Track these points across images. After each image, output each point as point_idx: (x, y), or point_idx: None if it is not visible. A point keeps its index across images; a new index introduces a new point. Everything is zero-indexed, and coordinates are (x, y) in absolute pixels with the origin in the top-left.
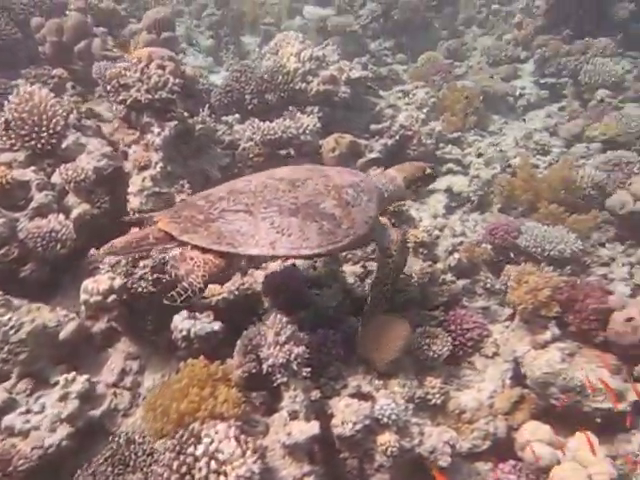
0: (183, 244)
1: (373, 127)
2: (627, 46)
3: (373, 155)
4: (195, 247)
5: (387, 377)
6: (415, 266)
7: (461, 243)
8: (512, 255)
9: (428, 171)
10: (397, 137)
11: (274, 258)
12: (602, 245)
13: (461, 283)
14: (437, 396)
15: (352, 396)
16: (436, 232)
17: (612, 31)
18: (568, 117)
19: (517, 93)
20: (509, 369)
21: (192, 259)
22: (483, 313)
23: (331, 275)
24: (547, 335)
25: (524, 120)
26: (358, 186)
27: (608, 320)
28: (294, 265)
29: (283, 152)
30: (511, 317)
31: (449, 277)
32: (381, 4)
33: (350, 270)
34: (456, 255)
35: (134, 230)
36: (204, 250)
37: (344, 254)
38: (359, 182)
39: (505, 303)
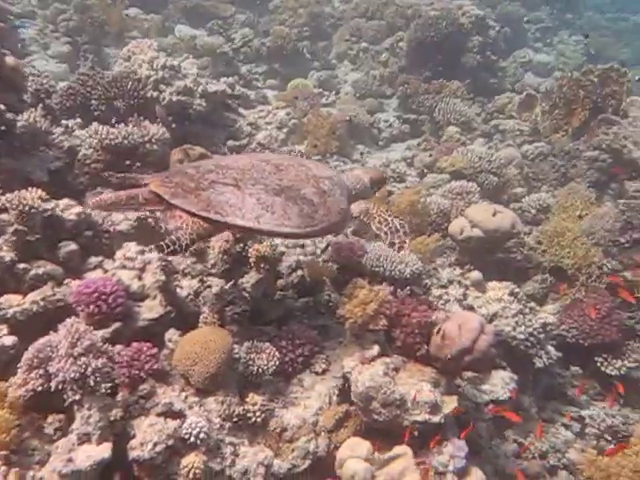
0: (172, 207)
1: (230, 143)
2: (477, 92)
3: None
4: (184, 212)
5: (205, 394)
6: (252, 280)
7: (308, 261)
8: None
9: (385, 175)
10: None
11: (258, 232)
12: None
13: (303, 300)
14: (258, 414)
15: (160, 415)
16: (282, 249)
17: (464, 76)
18: (423, 149)
19: (388, 124)
20: (337, 385)
21: (181, 217)
22: (322, 330)
23: (159, 287)
24: (374, 350)
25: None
26: (332, 179)
27: (431, 334)
28: (113, 274)
29: (127, 162)
30: None
31: (290, 293)
32: (253, 29)
33: (187, 284)
34: (299, 272)
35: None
36: (193, 215)
37: (182, 267)
38: (333, 176)
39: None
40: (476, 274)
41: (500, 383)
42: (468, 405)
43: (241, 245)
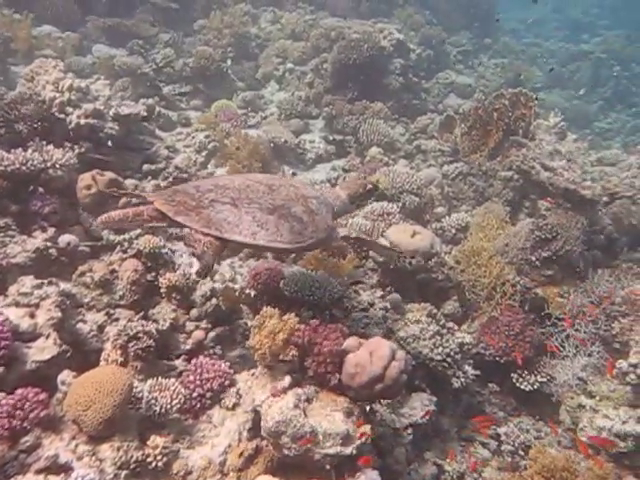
0: (174, 224)
1: (146, 167)
2: (400, 112)
3: None
4: (188, 228)
5: (99, 440)
6: (163, 311)
7: (223, 289)
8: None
9: (369, 187)
10: (171, 179)
11: (254, 247)
12: (376, 289)
13: (218, 330)
14: (159, 457)
15: (42, 471)
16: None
17: (387, 97)
18: (348, 170)
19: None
20: (248, 420)
21: (200, 240)
22: (238, 360)
23: (53, 324)
24: (286, 381)
25: None
26: (319, 199)
27: (343, 362)
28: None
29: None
30: None
31: (203, 324)
32: (177, 50)
33: (91, 318)
34: (214, 301)
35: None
36: (196, 232)
37: (87, 301)
38: (319, 196)
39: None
40: (395, 296)
41: (419, 406)
42: (386, 431)
43: (152, 274)
